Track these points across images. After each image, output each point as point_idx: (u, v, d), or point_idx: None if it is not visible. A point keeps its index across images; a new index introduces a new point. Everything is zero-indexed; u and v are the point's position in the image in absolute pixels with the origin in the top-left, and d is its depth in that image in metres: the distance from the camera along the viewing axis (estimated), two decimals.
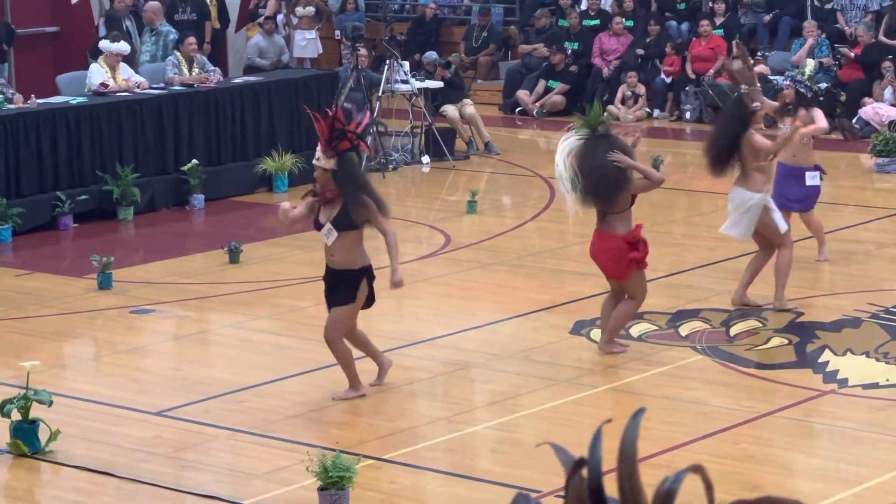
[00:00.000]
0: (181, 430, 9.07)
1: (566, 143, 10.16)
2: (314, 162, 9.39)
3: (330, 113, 9.33)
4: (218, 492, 8.11)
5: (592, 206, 10.14)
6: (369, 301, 9.44)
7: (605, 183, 9.99)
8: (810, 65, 13.26)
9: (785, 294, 11.21)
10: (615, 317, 10.24)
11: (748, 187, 10.98)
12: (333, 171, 9.22)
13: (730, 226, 11.16)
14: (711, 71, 20.08)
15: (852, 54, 19.46)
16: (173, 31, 18.33)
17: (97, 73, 15.71)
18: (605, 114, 10.97)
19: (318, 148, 9.34)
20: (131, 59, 16.78)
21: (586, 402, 9.41)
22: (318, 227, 9.32)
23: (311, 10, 22.15)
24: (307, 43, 21.90)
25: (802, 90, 12.38)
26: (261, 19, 21.48)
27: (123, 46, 16.20)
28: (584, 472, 2.05)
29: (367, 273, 9.33)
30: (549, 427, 8.93)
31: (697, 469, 2.02)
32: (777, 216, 11.08)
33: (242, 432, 9.02)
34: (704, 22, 20.52)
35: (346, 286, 9.27)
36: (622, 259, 10.05)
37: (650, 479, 2.19)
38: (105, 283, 12.21)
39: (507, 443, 8.80)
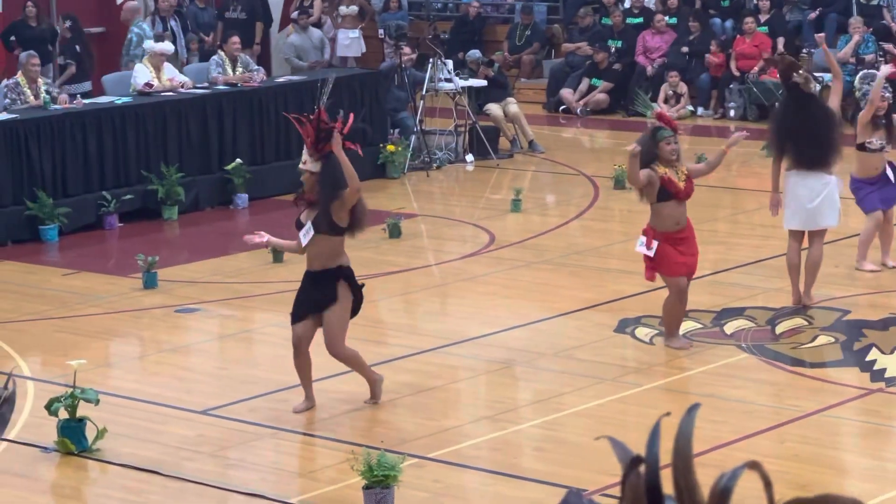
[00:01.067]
0: (226, 428, 9.10)
1: None
2: (300, 166, 9.27)
3: (313, 115, 9.14)
4: (263, 490, 8.13)
5: None
6: (356, 306, 9.23)
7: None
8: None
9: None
10: (663, 313, 10.32)
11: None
12: (320, 173, 9.08)
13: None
14: (756, 68, 19.97)
15: None
16: (137, 29, 18.18)
17: (142, 74, 15.78)
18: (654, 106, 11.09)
19: (305, 151, 9.21)
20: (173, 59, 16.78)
21: (630, 400, 9.39)
22: (299, 226, 9.24)
23: (354, 8, 22.16)
24: (350, 42, 21.91)
25: None
26: (294, 14, 21.41)
27: (167, 46, 16.26)
28: (642, 468, 2.02)
29: (346, 273, 9.15)
30: (594, 426, 8.90)
31: (754, 465, 1.99)
32: None
33: (287, 431, 9.04)
34: (749, 19, 20.40)
35: (325, 286, 9.10)
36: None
37: (699, 477, 2.18)
38: (150, 283, 12.26)
39: (551, 441, 8.79)
